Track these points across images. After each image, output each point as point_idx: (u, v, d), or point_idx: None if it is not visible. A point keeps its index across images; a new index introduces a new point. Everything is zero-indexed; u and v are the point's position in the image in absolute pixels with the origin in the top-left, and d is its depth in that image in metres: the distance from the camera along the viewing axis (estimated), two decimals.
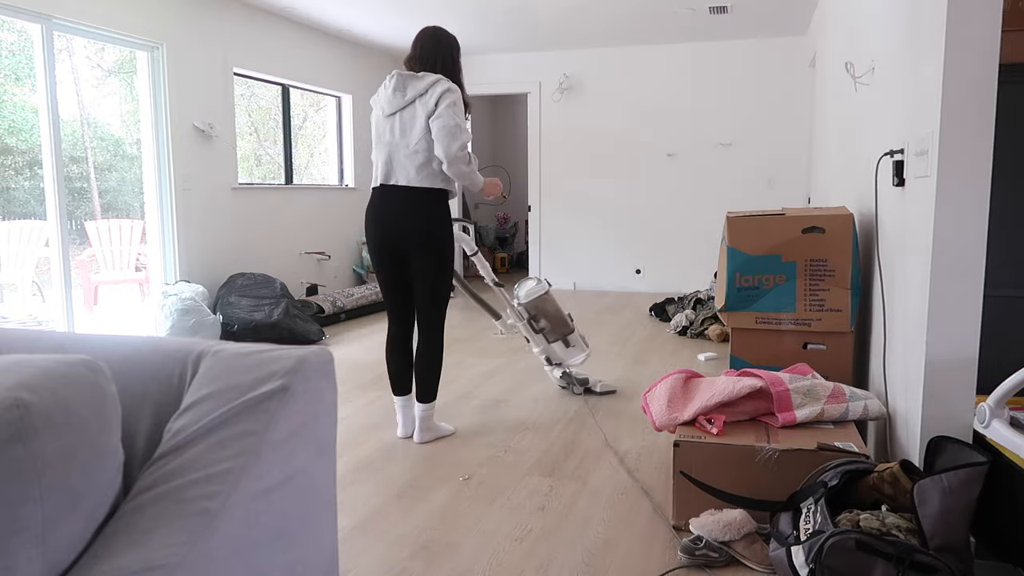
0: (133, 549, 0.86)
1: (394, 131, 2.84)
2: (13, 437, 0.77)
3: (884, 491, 1.80)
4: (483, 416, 3.36)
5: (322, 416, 1.11)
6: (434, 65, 2.90)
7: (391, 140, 2.84)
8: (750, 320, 2.87)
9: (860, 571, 1.57)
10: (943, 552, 1.60)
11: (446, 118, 2.73)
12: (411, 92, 2.81)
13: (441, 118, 2.74)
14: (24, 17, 4.03)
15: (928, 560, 1.52)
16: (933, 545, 1.61)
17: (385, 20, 6.21)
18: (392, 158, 2.84)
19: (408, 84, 2.82)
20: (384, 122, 2.87)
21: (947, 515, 1.61)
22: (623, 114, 7.36)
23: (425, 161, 2.80)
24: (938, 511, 1.61)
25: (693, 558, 1.99)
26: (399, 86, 2.83)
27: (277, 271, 6.13)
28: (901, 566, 1.53)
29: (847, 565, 1.58)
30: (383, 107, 2.87)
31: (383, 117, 2.88)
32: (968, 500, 1.62)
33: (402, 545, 2.14)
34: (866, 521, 1.69)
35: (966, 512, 1.63)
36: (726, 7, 5.73)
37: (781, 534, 1.90)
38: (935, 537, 1.60)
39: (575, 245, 7.66)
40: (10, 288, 5.62)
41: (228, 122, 5.53)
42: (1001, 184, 2.16)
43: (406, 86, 2.83)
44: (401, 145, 2.82)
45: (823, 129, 5.01)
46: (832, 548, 1.60)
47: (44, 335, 1.18)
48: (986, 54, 1.81)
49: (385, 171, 2.86)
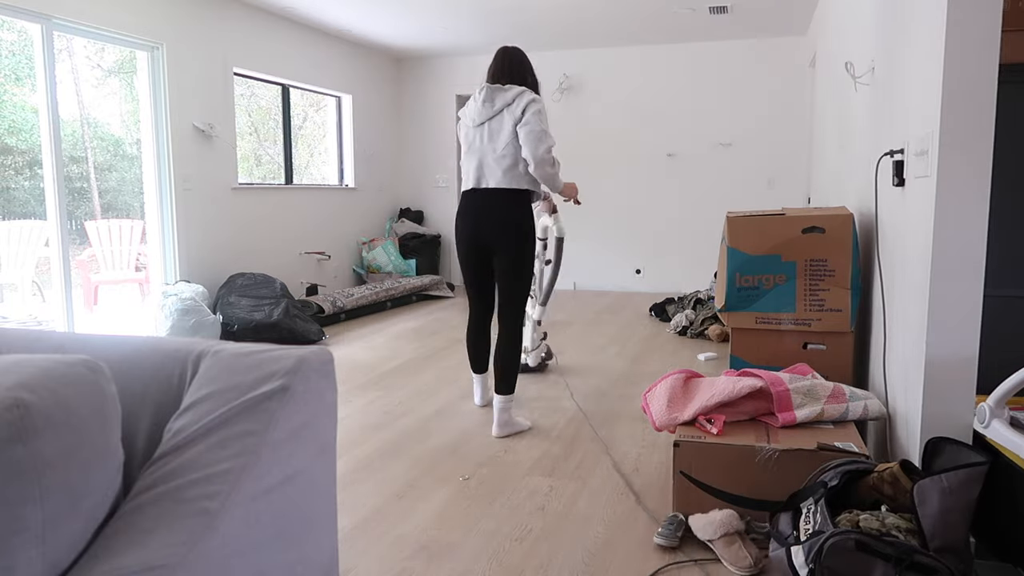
0: (133, 549, 0.86)
1: (483, 138, 3.09)
2: (13, 437, 0.77)
3: (884, 491, 1.80)
4: (483, 416, 3.35)
5: (322, 416, 1.11)
6: (515, 78, 3.14)
7: (481, 147, 3.10)
8: (750, 320, 2.87)
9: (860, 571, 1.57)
10: (943, 552, 1.60)
11: (533, 124, 2.97)
12: (499, 103, 3.06)
13: (528, 124, 2.98)
14: (24, 17, 4.04)
15: (927, 561, 1.52)
16: (933, 546, 1.61)
17: (385, 20, 6.21)
18: (482, 163, 3.09)
19: (496, 96, 3.07)
20: (474, 132, 3.13)
21: (947, 515, 1.60)
22: (623, 114, 7.36)
23: (512, 164, 3.03)
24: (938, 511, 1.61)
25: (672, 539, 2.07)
26: (488, 98, 3.08)
27: (277, 271, 6.13)
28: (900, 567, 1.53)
29: (847, 565, 1.58)
30: (473, 118, 3.13)
31: (472, 127, 3.14)
32: (968, 500, 1.62)
33: (402, 545, 2.14)
34: (866, 522, 1.69)
35: (966, 512, 1.63)
36: (726, 7, 5.73)
37: (781, 534, 1.90)
38: (935, 538, 1.60)
39: (575, 245, 7.66)
40: (10, 288, 5.62)
41: (228, 122, 5.53)
42: (1001, 184, 2.16)
43: (494, 98, 3.07)
44: (489, 150, 3.07)
45: (823, 129, 5.01)
46: (832, 548, 1.60)
47: (44, 335, 1.18)
48: (986, 54, 1.81)
49: (476, 176, 3.11)
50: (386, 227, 7.80)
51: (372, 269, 7.19)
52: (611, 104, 7.38)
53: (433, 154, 8.00)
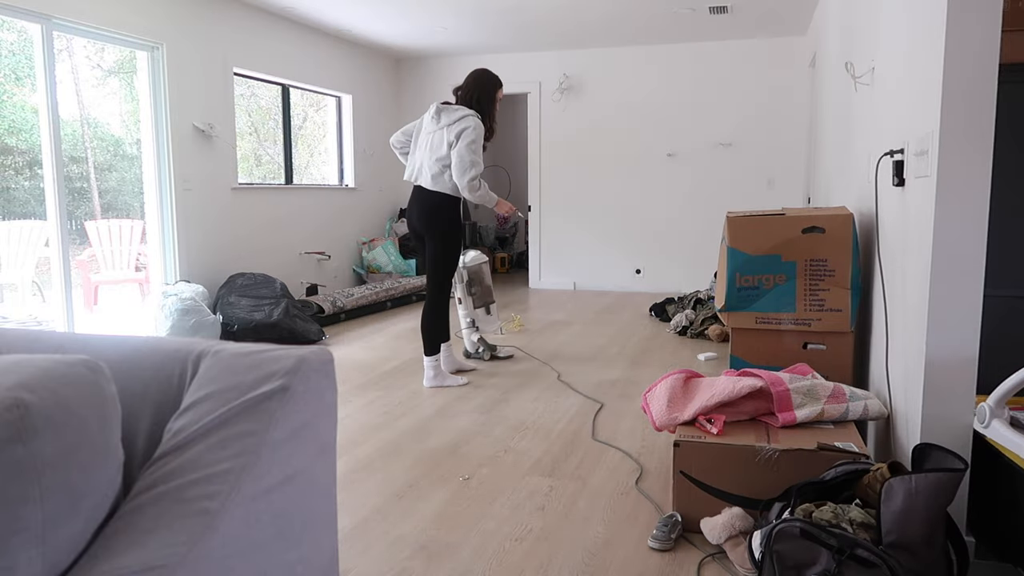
0: (133, 549, 0.86)
1: (425, 146, 3.66)
2: (13, 437, 0.77)
3: (876, 489, 1.82)
4: (483, 416, 3.36)
5: (322, 416, 1.11)
6: (469, 100, 3.64)
7: (422, 153, 3.68)
8: (750, 320, 2.87)
9: (805, 558, 1.64)
10: (896, 548, 1.62)
11: (463, 154, 3.48)
12: (443, 121, 3.59)
13: (459, 153, 3.49)
14: (24, 17, 4.03)
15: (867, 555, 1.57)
16: (887, 540, 1.64)
17: (385, 20, 6.21)
18: (421, 165, 3.68)
19: (443, 114, 3.61)
20: (423, 137, 3.70)
21: (908, 513, 1.64)
22: (623, 114, 7.36)
23: (439, 173, 3.59)
24: (900, 509, 1.64)
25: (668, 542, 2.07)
26: (435, 114, 3.64)
27: (277, 271, 6.13)
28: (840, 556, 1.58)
29: (793, 551, 1.66)
30: (423, 126, 3.71)
31: (422, 133, 3.71)
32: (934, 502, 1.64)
33: (402, 545, 2.14)
34: (820, 513, 1.74)
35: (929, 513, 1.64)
36: (726, 7, 5.73)
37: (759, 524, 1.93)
38: (890, 533, 1.64)
39: (575, 245, 7.66)
40: (10, 288, 5.62)
41: (228, 122, 5.53)
42: (1001, 184, 2.16)
43: (440, 116, 3.61)
44: (427, 157, 3.63)
45: (823, 129, 5.01)
46: (779, 534, 1.68)
47: (44, 335, 1.18)
48: (986, 54, 1.81)
49: (415, 174, 3.71)
50: (386, 227, 7.80)
51: (372, 269, 7.19)
52: (611, 104, 7.38)
53: None
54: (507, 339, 5.10)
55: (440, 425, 3.23)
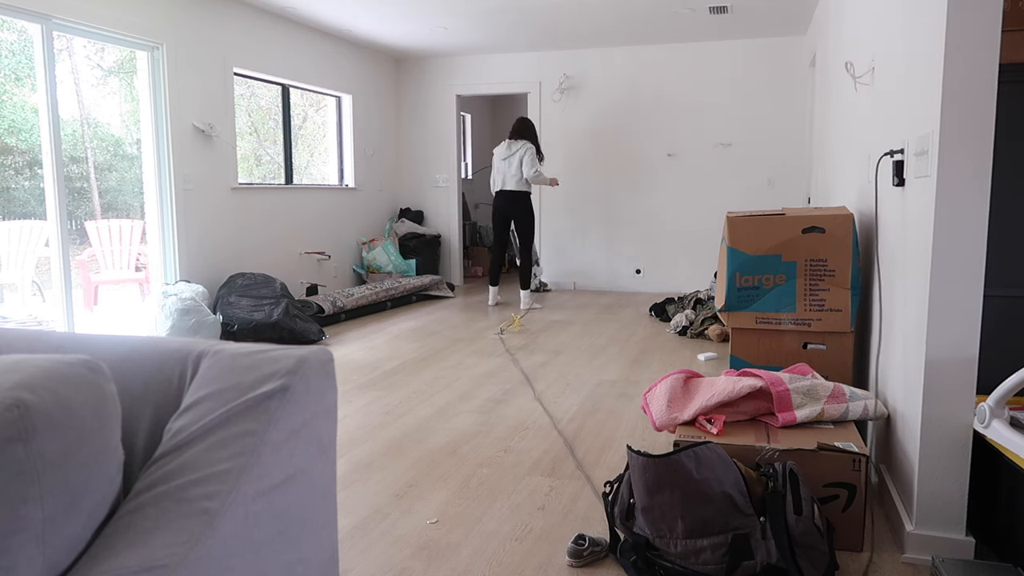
0: (133, 549, 0.86)
1: (504, 166, 6.18)
2: (13, 437, 0.77)
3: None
4: (483, 416, 3.36)
5: (322, 416, 1.11)
6: (523, 136, 6.20)
7: (504, 170, 6.18)
8: (750, 320, 2.87)
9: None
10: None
11: (527, 162, 6.07)
12: (513, 149, 6.15)
13: (526, 161, 6.07)
14: (24, 17, 4.04)
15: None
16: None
17: (385, 20, 6.21)
18: (505, 177, 6.18)
19: (512, 145, 6.17)
20: (501, 162, 6.20)
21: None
22: (623, 114, 7.36)
23: (519, 179, 6.14)
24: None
25: (582, 559, 2.01)
26: (508, 146, 6.19)
27: (277, 271, 6.13)
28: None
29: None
30: (501, 154, 6.21)
31: (500, 160, 6.21)
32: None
33: (402, 545, 2.14)
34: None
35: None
36: (726, 7, 5.73)
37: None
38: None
39: (575, 245, 7.66)
40: (10, 288, 5.62)
41: (228, 122, 5.53)
42: (1001, 184, 2.16)
43: (511, 146, 6.17)
44: (508, 172, 6.16)
45: (823, 129, 5.01)
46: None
47: (44, 335, 1.18)
48: (986, 54, 1.81)
49: (501, 183, 6.21)
50: (386, 227, 7.81)
51: (372, 269, 7.19)
52: (611, 104, 7.39)
53: (433, 154, 8.00)
54: (507, 339, 5.10)
55: (440, 425, 3.23)
